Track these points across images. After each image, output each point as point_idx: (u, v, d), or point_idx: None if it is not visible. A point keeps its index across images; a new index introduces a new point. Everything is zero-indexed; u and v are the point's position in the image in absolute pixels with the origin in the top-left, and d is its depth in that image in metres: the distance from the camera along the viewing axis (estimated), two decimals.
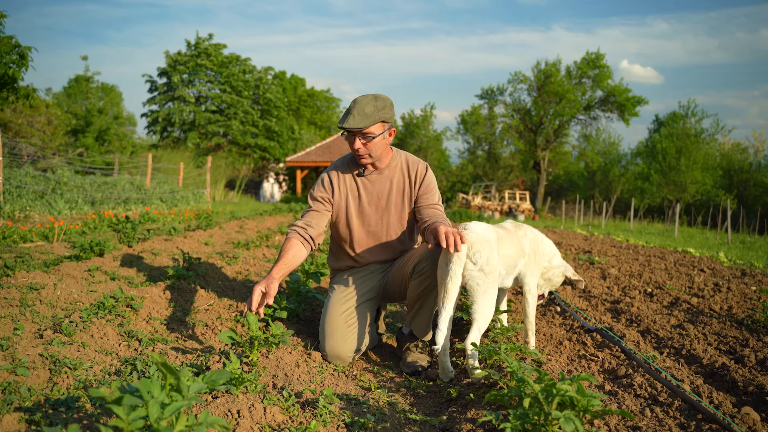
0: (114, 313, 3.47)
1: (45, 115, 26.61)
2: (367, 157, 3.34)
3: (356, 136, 3.26)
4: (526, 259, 3.29)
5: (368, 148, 3.30)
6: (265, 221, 12.52)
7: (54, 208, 11.05)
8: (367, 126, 3.21)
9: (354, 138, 3.27)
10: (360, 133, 3.26)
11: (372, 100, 3.27)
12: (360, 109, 3.23)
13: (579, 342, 3.91)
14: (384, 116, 3.29)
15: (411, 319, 3.36)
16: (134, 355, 3.03)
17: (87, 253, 5.26)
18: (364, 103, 3.24)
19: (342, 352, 3.22)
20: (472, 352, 2.81)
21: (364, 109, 3.23)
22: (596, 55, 38.31)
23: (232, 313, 4.05)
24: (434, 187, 3.52)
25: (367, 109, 3.24)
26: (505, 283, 3.26)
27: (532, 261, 3.33)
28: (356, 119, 3.20)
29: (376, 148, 3.33)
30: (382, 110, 3.28)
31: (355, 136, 3.26)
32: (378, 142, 3.32)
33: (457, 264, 2.82)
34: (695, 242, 15.53)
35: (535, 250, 3.36)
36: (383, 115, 3.28)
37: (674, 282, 6.47)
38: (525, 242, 3.32)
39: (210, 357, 2.95)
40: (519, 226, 3.40)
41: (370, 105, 3.25)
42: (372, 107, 3.25)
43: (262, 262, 6.49)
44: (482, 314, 2.87)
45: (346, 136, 3.33)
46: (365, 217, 3.48)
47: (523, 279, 3.32)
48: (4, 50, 11.01)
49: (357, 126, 3.20)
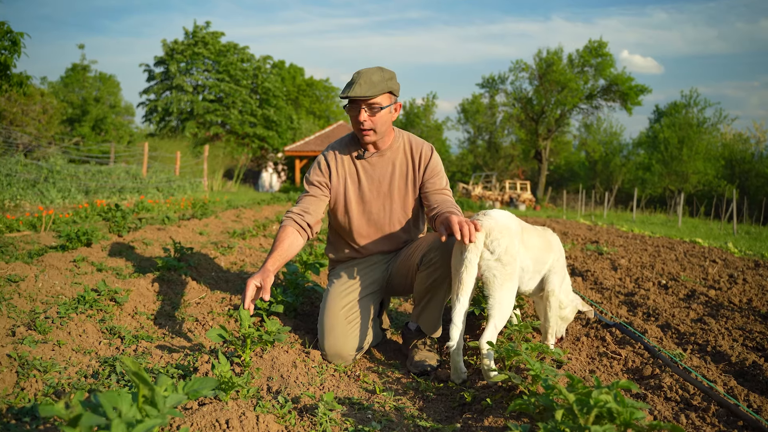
0: (96, 307, 3.20)
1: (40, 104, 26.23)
2: (372, 133, 3.05)
3: (362, 107, 2.98)
4: (554, 256, 3.01)
5: (374, 122, 3.02)
6: (263, 210, 12.24)
7: (46, 197, 10.77)
8: (374, 95, 2.94)
9: (359, 109, 2.98)
10: (366, 104, 2.98)
11: (378, 71, 3.01)
12: (367, 78, 2.96)
13: (598, 338, 3.64)
14: (392, 86, 3.03)
15: (418, 314, 3.09)
16: (115, 354, 2.76)
17: (73, 242, 4.98)
18: (370, 73, 2.98)
19: (343, 350, 2.95)
20: (488, 352, 2.54)
21: (371, 77, 2.97)
22: (599, 43, 37.90)
23: (224, 307, 3.78)
24: (441, 171, 3.24)
25: (375, 77, 2.97)
26: (529, 285, 2.97)
27: (559, 262, 3.06)
28: (363, 87, 2.93)
29: (382, 122, 3.05)
30: (390, 80, 3.02)
31: (361, 107, 2.98)
32: (384, 116, 3.05)
33: (473, 252, 2.55)
34: (700, 233, 15.30)
35: (562, 253, 3.09)
36: (391, 85, 3.02)
37: (688, 273, 6.23)
38: (553, 239, 3.05)
39: (198, 357, 2.67)
40: (545, 228, 3.13)
41: (377, 74, 2.99)
42: (379, 76, 2.99)
43: (259, 252, 6.21)
44: (499, 310, 2.60)
45: (349, 108, 3.05)
46: (366, 204, 3.20)
47: (548, 278, 3.03)
48: None
49: (364, 94, 2.92)
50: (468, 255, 2.55)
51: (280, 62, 54.28)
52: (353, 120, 3.03)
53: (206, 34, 40.02)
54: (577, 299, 3.28)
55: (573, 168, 51.62)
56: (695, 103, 40.38)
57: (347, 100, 3.03)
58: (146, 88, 40.21)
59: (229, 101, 39.59)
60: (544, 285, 3.03)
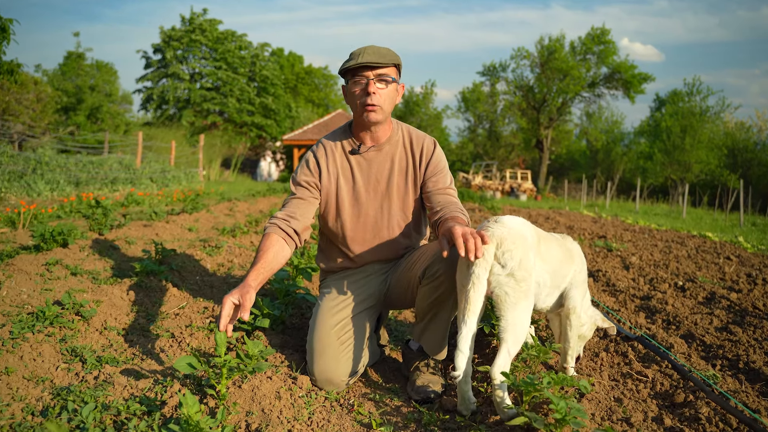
0: (57, 324, 2.84)
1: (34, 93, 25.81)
2: (379, 110, 2.69)
3: (371, 78, 2.64)
4: (575, 269, 2.65)
5: (382, 98, 2.68)
6: (258, 203, 11.86)
7: (33, 189, 10.40)
8: (385, 63, 2.62)
9: (368, 81, 2.64)
10: (376, 73, 2.64)
11: (382, 46, 2.70)
12: (374, 49, 2.65)
13: (619, 354, 3.30)
14: (398, 60, 2.72)
15: (420, 332, 2.73)
16: (74, 382, 2.40)
17: (48, 243, 4.62)
18: (375, 46, 2.67)
19: (334, 376, 2.58)
20: (500, 383, 2.19)
21: (379, 49, 2.66)
22: (601, 31, 37.37)
23: (206, 319, 3.42)
24: (444, 167, 2.87)
25: (382, 49, 2.67)
26: (546, 302, 2.61)
27: (581, 275, 2.70)
28: (372, 56, 2.61)
29: (390, 100, 2.72)
30: (395, 55, 2.71)
31: (369, 78, 2.64)
32: (392, 93, 2.73)
33: (482, 267, 2.19)
34: (706, 224, 14.98)
35: (584, 264, 2.73)
36: (398, 59, 2.71)
37: (704, 273, 5.89)
38: (574, 248, 2.70)
39: (169, 386, 2.32)
40: (564, 236, 2.77)
41: (383, 47, 2.68)
42: (386, 49, 2.69)
43: (249, 251, 5.85)
44: (513, 333, 2.24)
45: (352, 82, 2.70)
46: (361, 205, 2.83)
47: (568, 293, 2.67)
48: None
49: (375, 61, 2.59)
50: (476, 270, 2.19)
51: (279, 50, 53.71)
52: (357, 95, 2.68)
53: (204, 21, 39.46)
54: (597, 314, 2.93)
55: (574, 157, 51.14)
56: (698, 92, 39.84)
57: (349, 76, 2.69)
58: (142, 75, 39.70)
59: (226, 89, 39.06)
60: (563, 301, 2.67)
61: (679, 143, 37.38)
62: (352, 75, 2.68)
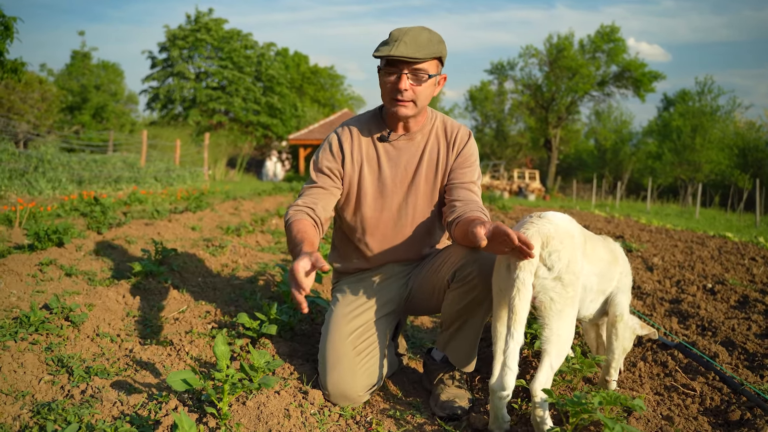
0: (44, 330, 2.58)
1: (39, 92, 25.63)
2: (411, 105, 2.37)
3: (404, 72, 2.30)
4: (621, 271, 2.38)
5: (416, 93, 2.34)
6: (263, 202, 11.59)
7: (35, 187, 10.15)
8: (423, 58, 2.28)
9: (400, 74, 2.31)
10: (411, 68, 2.30)
11: (425, 30, 2.33)
12: (413, 37, 2.27)
13: (658, 363, 3.02)
14: (441, 51, 2.35)
15: (446, 341, 2.45)
16: (58, 396, 2.14)
17: (43, 242, 4.36)
18: (416, 32, 2.29)
19: (350, 390, 2.30)
20: (542, 401, 1.91)
21: (418, 37, 2.28)
22: (611, 28, 36.91)
23: (207, 324, 3.15)
24: (474, 162, 2.56)
25: (422, 37, 2.29)
26: (590, 309, 2.34)
27: (627, 278, 2.43)
28: (409, 47, 2.26)
29: (424, 95, 2.38)
30: (439, 44, 2.34)
31: (403, 71, 2.31)
32: (428, 88, 2.38)
33: (527, 270, 1.91)
34: (720, 225, 14.68)
35: (628, 267, 2.46)
36: (440, 49, 2.35)
37: (731, 274, 5.61)
38: (616, 249, 2.42)
39: (164, 402, 2.06)
40: (604, 237, 2.49)
41: (424, 34, 2.31)
42: (426, 37, 2.31)
43: (255, 251, 5.58)
44: (556, 344, 1.97)
45: (384, 72, 2.37)
46: (385, 198, 2.52)
47: (613, 298, 2.39)
48: None
49: (411, 55, 2.25)
50: (520, 274, 1.91)
51: (284, 50, 53.43)
52: (388, 87, 2.35)
53: (209, 20, 39.29)
54: (635, 321, 2.65)
55: (582, 157, 50.74)
56: (709, 91, 39.37)
57: (382, 62, 2.36)
58: (148, 74, 39.55)
59: (232, 89, 38.85)
60: (608, 307, 2.40)
61: (689, 143, 36.95)
62: (384, 62, 2.36)
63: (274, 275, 4.51)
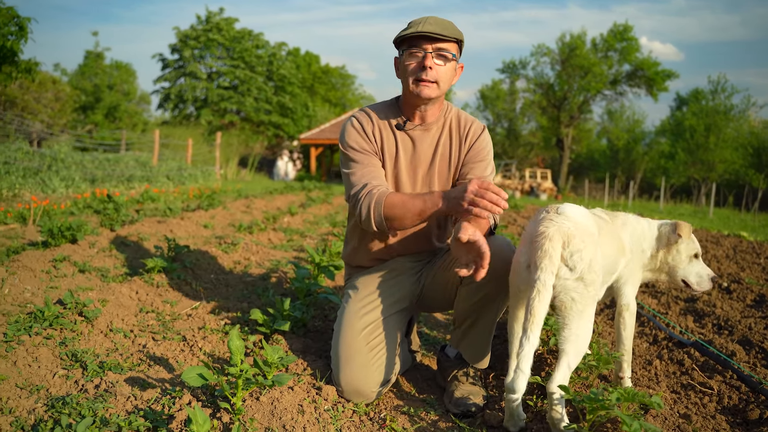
0: (58, 325, 2.58)
1: (52, 91, 25.82)
2: (435, 87, 2.36)
3: (428, 51, 2.31)
4: (626, 259, 2.34)
5: (439, 74, 2.35)
6: (275, 200, 11.61)
7: (48, 186, 10.22)
8: (448, 36, 2.30)
9: (425, 54, 2.32)
10: (435, 47, 2.32)
11: (445, 19, 2.38)
12: (436, 19, 2.33)
13: (674, 361, 2.98)
14: (461, 35, 2.39)
15: (460, 338, 2.44)
16: (72, 390, 2.14)
17: (56, 239, 4.38)
18: (438, 18, 2.35)
19: (363, 386, 2.29)
20: (559, 399, 1.89)
21: (441, 20, 2.34)
22: (624, 27, 36.67)
23: (220, 320, 3.15)
24: (487, 156, 2.53)
25: (444, 21, 2.34)
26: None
27: (633, 263, 2.39)
28: (434, 26, 2.30)
29: (445, 78, 2.38)
30: (459, 31, 2.38)
31: (427, 50, 2.31)
32: (450, 71, 2.39)
33: (548, 271, 1.88)
34: (735, 224, 14.56)
35: (636, 250, 2.42)
36: (460, 34, 2.38)
37: (747, 273, 5.56)
38: (625, 236, 2.38)
39: (178, 397, 2.05)
40: (615, 214, 2.45)
41: (445, 20, 2.36)
42: (448, 22, 2.36)
43: (267, 248, 5.58)
44: (575, 344, 1.94)
45: (407, 54, 2.37)
46: (400, 189, 2.50)
47: (619, 289, 2.37)
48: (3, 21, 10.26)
49: (437, 32, 2.27)
50: (541, 275, 1.88)
51: (296, 49, 53.51)
52: (413, 67, 2.35)
53: (220, 20, 39.41)
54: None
55: (594, 156, 50.49)
56: (722, 90, 39.02)
57: (405, 46, 2.37)
58: (160, 75, 39.74)
59: (244, 88, 38.95)
60: (615, 298, 2.38)
61: (703, 142, 36.67)
62: (408, 45, 2.36)
63: (287, 272, 4.51)
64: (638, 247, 2.42)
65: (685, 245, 2.43)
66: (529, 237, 2.02)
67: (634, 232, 2.42)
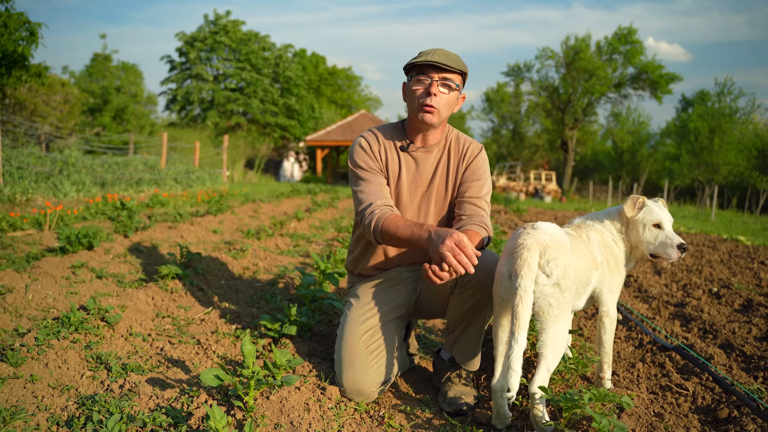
0: (82, 330, 2.80)
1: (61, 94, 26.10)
2: (437, 113, 2.61)
3: (435, 80, 2.56)
4: (600, 271, 2.55)
5: (441, 102, 2.59)
6: (282, 204, 11.84)
7: (60, 190, 10.47)
8: (454, 67, 2.56)
9: (431, 82, 2.56)
10: (441, 76, 2.57)
11: (452, 52, 2.64)
12: (443, 51, 2.59)
13: (655, 364, 3.18)
14: (465, 68, 2.65)
15: (452, 342, 2.65)
16: (99, 390, 2.36)
17: (74, 245, 4.61)
18: (446, 50, 2.61)
19: (364, 386, 2.51)
20: (540, 399, 2.10)
21: (448, 53, 2.60)
22: (628, 30, 36.76)
23: (231, 325, 3.37)
24: (483, 175, 2.75)
25: (451, 54, 2.60)
26: (576, 305, 2.53)
27: (608, 271, 2.59)
28: (442, 57, 2.55)
29: (448, 106, 2.63)
30: (464, 64, 2.64)
31: (434, 79, 2.56)
32: (452, 100, 2.64)
33: (527, 278, 2.09)
34: (736, 227, 14.67)
35: (608, 257, 2.62)
36: (465, 67, 2.64)
37: (738, 278, 5.73)
38: (594, 249, 2.58)
39: (195, 396, 2.27)
40: (580, 227, 2.66)
41: (451, 53, 2.62)
42: (454, 55, 2.62)
43: (275, 254, 5.80)
44: (552, 348, 2.15)
45: (414, 80, 2.61)
46: (401, 205, 2.73)
47: (599, 297, 2.58)
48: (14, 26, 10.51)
49: (444, 63, 2.52)
50: (522, 282, 2.09)
51: (302, 51, 53.80)
52: (419, 93, 2.59)
53: (227, 22, 39.68)
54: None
55: (599, 158, 50.57)
56: (729, 92, 39.04)
57: (413, 73, 2.62)
58: (167, 77, 40.03)
59: (250, 90, 39.21)
60: (596, 305, 2.59)
61: (707, 144, 36.70)
62: (417, 72, 2.60)
63: (294, 278, 4.72)
64: (610, 254, 2.62)
65: (641, 217, 2.59)
66: (509, 250, 2.23)
67: (600, 243, 2.62)
